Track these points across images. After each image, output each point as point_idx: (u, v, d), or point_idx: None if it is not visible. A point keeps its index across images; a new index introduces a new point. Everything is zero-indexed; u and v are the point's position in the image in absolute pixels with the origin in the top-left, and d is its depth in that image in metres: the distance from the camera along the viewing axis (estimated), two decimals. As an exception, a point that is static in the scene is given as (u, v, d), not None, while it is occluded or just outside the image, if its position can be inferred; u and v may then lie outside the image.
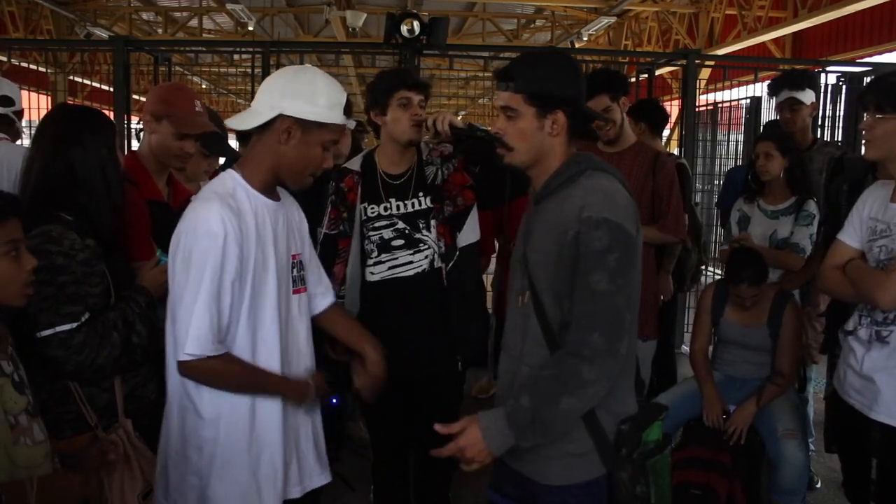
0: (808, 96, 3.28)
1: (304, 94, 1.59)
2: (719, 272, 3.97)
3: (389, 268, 2.33)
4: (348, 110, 1.66)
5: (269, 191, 1.67)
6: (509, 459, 1.63)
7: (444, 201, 2.34)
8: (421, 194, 2.34)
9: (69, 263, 1.62)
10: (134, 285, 1.80)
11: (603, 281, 1.46)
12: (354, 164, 2.43)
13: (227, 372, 1.58)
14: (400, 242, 2.32)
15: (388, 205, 2.33)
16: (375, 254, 2.34)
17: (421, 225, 2.33)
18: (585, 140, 3.07)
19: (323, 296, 1.92)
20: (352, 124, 1.93)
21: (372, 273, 2.35)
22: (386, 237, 2.33)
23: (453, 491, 2.69)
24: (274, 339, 1.65)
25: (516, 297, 1.64)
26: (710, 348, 3.04)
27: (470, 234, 2.40)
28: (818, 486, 3.36)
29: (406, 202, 2.34)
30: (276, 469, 1.67)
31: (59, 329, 1.60)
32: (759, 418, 2.70)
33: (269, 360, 1.64)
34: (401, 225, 2.33)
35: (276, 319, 1.65)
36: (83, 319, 1.63)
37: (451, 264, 2.33)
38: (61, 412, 1.66)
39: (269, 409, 1.66)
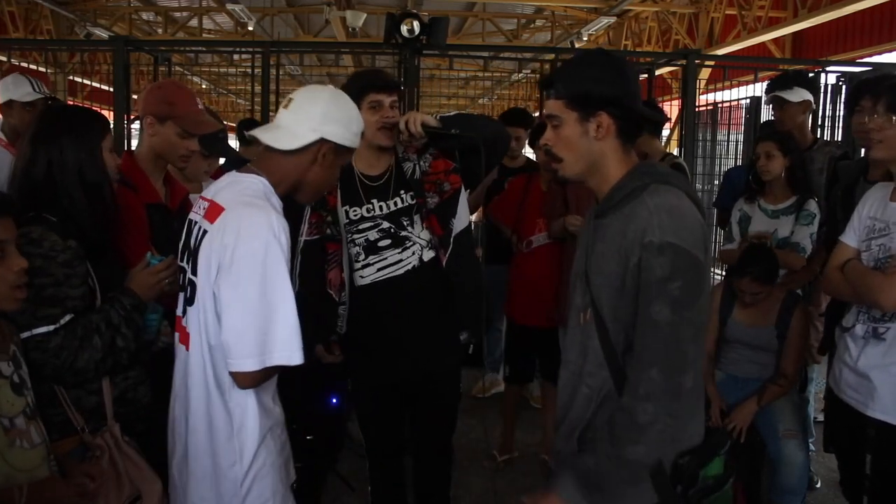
0: (795, 95, 3.28)
1: (343, 120, 1.67)
2: (718, 272, 3.97)
3: (378, 269, 2.30)
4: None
5: (283, 201, 1.68)
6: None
7: (427, 193, 2.31)
8: (402, 192, 2.31)
9: (48, 265, 1.60)
10: (121, 287, 1.76)
11: (664, 311, 1.35)
12: None
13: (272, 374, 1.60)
14: (387, 242, 2.29)
15: (371, 206, 2.30)
16: (362, 256, 2.30)
17: (405, 222, 2.30)
18: None
19: None
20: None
21: (361, 277, 2.32)
22: (372, 238, 2.29)
23: (453, 491, 2.69)
24: None
25: (577, 314, 1.56)
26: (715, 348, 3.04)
27: (462, 219, 2.37)
28: (818, 486, 3.36)
29: (388, 202, 2.31)
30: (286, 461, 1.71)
31: (35, 332, 1.58)
32: (760, 418, 2.71)
33: None
34: (385, 225, 2.29)
35: None
36: (61, 322, 1.61)
37: (448, 254, 2.30)
38: (49, 414, 1.63)
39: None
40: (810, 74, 4.74)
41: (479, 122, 2.37)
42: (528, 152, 4.37)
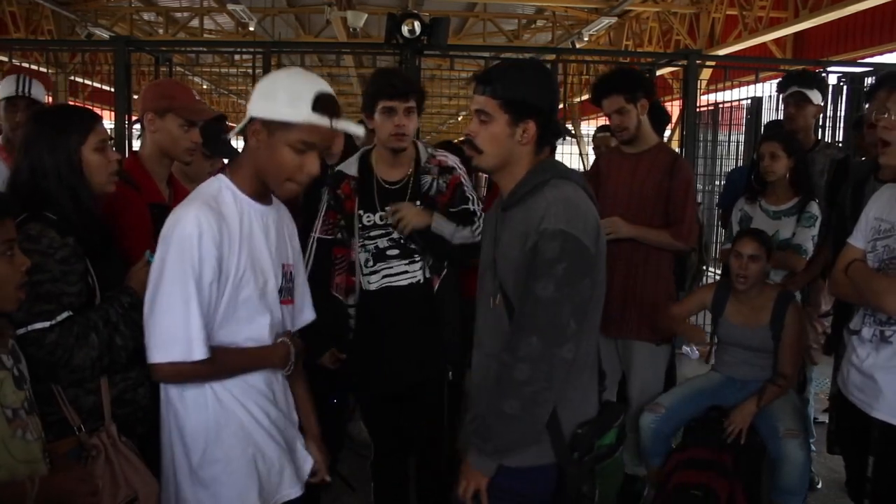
0: (815, 95, 3.28)
1: (266, 92, 1.54)
2: (720, 272, 3.97)
3: (383, 276, 2.30)
4: (330, 109, 1.51)
5: (259, 195, 1.62)
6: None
7: (439, 211, 2.30)
8: (417, 203, 2.30)
9: (46, 262, 1.60)
10: (121, 286, 1.76)
11: (549, 288, 1.49)
12: (350, 167, 2.37)
13: (206, 371, 1.55)
14: (395, 252, 2.29)
15: (385, 213, 2.29)
16: (371, 263, 2.31)
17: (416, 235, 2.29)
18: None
19: (304, 311, 1.84)
20: (359, 130, 1.65)
21: (369, 282, 2.33)
22: (381, 246, 2.29)
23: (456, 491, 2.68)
24: (266, 342, 1.64)
25: (488, 299, 1.68)
26: (712, 349, 3.04)
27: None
28: (819, 486, 3.36)
29: None
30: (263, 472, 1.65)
31: (31, 328, 1.57)
32: (761, 418, 2.70)
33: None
34: (396, 234, 2.29)
35: (266, 325, 1.63)
36: (58, 319, 1.60)
37: (441, 279, 2.32)
38: (46, 413, 1.61)
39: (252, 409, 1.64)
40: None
41: (465, 252, 2.30)
42: None
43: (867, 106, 2.45)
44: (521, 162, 1.63)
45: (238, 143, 3.38)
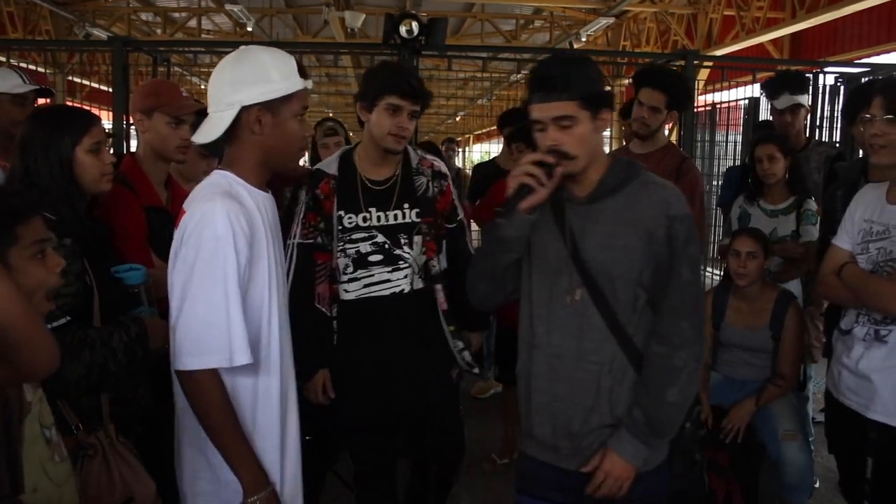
0: (805, 99, 3.34)
1: (254, 76, 1.49)
2: (717, 272, 3.98)
3: (364, 286, 2.13)
4: (305, 70, 1.55)
5: (262, 184, 1.60)
6: (570, 462, 1.66)
7: (439, 215, 2.19)
8: (406, 206, 2.14)
9: None
10: (133, 315, 1.74)
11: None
12: (330, 166, 2.18)
13: (222, 399, 1.46)
14: (378, 258, 2.11)
15: (368, 215, 2.12)
16: (351, 269, 2.13)
17: (403, 240, 2.12)
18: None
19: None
20: (310, 84, 1.64)
21: (346, 291, 2.15)
22: (363, 251, 2.11)
23: (453, 490, 2.67)
24: (285, 335, 1.63)
25: (562, 297, 1.62)
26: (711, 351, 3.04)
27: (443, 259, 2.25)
28: (817, 485, 3.36)
29: (388, 213, 2.12)
30: None
31: None
32: (760, 419, 2.70)
33: (274, 354, 1.58)
34: (380, 238, 2.12)
35: (283, 316, 1.62)
36: (53, 325, 1.57)
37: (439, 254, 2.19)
38: None
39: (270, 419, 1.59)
40: (807, 75, 4.75)
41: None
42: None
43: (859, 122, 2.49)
44: (601, 153, 1.67)
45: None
